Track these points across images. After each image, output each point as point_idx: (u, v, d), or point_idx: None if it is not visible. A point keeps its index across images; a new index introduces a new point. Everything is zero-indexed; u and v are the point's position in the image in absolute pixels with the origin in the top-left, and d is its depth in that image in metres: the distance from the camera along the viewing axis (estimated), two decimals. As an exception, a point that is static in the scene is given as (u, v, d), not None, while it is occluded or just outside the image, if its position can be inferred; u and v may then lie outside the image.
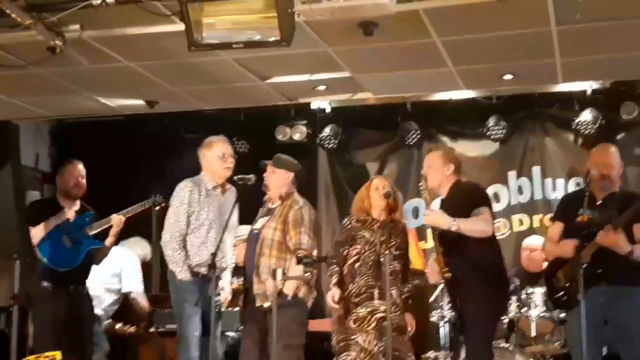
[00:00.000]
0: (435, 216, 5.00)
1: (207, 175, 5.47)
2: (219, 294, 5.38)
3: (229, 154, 5.48)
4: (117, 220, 5.67)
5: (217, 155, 5.43)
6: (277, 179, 5.35)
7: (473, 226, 4.92)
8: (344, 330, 5.14)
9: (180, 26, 4.59)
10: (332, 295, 5.11)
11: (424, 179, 5.21)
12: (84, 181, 5.79)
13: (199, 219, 5.35)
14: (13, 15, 4.64)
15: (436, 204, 5.31)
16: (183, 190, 5.38)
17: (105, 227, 5.73)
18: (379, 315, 5.05)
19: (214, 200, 5.41)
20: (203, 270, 5.20)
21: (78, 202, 5.82)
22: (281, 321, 4.84)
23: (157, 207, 5.79)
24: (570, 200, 5.31)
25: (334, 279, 5.17)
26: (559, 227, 5.18)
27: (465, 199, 5.05)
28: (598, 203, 4.98)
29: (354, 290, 5.15)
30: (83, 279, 5.72)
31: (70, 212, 5.66)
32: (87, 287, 5.77)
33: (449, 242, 5.01)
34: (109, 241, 5.74)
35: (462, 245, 4.95)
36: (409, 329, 5.22)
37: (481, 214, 4.95)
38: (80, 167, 5.81)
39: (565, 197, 5.83)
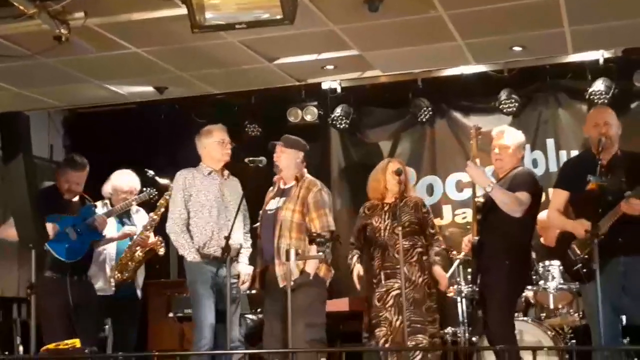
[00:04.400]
0: (476, 171, 5.12)
1: (205, 163, 5.57)
2: (235, 277, 5.39)
3: (228, 140, 5.58)
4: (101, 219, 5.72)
5: (217, 142, 5.53)
6: (288, 159, 5.41)
7: (505, 198, 4.98)
8: (372, 309, 5.60)
9: (184, 10, 4.58)
10: (357, 272, 5.63)
11: (481, 137, 5.31)
12: (79, 187, 5.73)
13: (199, 200, 5.43)
14: (17, 5, 4.65)
15: (488, 171, 5.46)
16: (178, 179, 5.52)
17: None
18: (394, 292, 5.50)
19: (212, 184, 5.49)
20: (213, 251, 5.25)
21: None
22: (304, 300, 5.04)
23: (153, 199, 6.01)
24: (573, 167, 5.20)
25: (355, 259, 5.68)
26: (563, 195, 4.99)
27: (516, 181, 5.12)
28: (603, 167, 4.68)
29: (372, 272, 5.62)
30: (86, 268, 5.77)
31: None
32: (89, 276, 5.82)
33: (486, 211, 5.14)
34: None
35: (498, 217, 5.03)
36: (440, 284, 5.63)
37: (520, 195, 5.00)
38: (79, 174, 5.69)
39: (567, 163, 5.75)
